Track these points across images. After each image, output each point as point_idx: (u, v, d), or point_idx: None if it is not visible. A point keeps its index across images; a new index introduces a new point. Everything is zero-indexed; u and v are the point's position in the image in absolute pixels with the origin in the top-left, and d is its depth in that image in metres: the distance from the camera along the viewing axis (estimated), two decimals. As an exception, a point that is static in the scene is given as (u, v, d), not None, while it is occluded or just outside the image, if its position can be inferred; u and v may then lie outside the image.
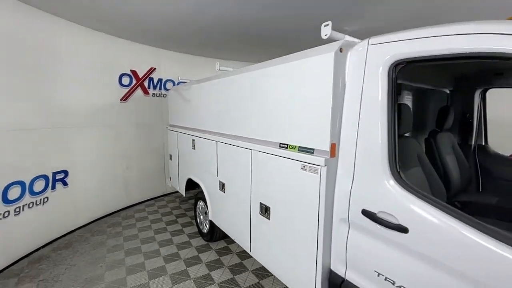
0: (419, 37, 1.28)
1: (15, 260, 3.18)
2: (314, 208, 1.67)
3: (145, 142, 5.24)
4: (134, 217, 4.57)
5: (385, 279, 1.40)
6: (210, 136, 3.03)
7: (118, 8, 3.23)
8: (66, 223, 3.89)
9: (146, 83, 5.23)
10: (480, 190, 2.55)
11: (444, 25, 1.22)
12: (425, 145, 2.38)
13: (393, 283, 1.37)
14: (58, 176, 3.74)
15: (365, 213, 1.45)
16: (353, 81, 1.55)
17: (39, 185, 3.44)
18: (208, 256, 3.32)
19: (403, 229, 1.29)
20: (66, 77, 3.77)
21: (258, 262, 2.42)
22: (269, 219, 2.12)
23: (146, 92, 5.24)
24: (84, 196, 4.14)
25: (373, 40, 1.48)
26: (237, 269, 3.05)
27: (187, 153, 3.80)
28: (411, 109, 2.70)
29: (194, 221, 4.23)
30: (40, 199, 3.48)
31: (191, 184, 3.83)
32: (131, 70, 4.92)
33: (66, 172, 3.85)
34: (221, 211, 2.97)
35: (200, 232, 3.82)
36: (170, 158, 4.64)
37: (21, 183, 3.22)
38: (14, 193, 3.13)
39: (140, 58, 5.05)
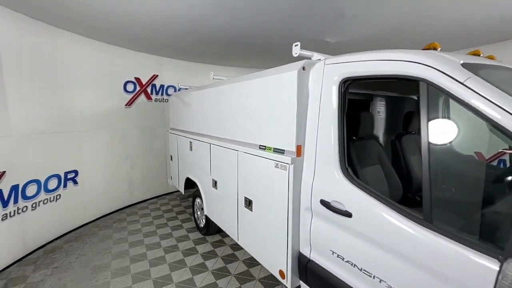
0: (360, 60, 1.60)
1: (32, 250, 3.56)
2: (285, 199, 1.99)
3: (148, 144, 5.61)
4: (138, 213, 4.93)
5: (337, 256, 1.72)
6: (204, 139, 3.38)
7: (122, 22, 3.56)
8: (76, 218, 4.28)
9: (149, 89, 5.61)
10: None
11: (377, 51, 1.54)
12: (391, 146, 2.68)
13: (343, 259, 1.68)
14: (69, 176, 4.13)
15: (323, 202, 1.77)
16: (314, 93, 1.87)
17: (52, 184, 3.83)
18: (204, 247, 3.66)
19: (348, 214, 1.61)
20: (76, 85, 4.17)
21: (248, 253, 2.74)
22: (251, 210, 2.45)
23: (149, 97, 5.62)
24: (92, 194, 4.52)
25: (328, 61, 1.80)
26: (229, 258, 3.37)
27: (185, 154, 4.16)
28: (384, 114, 3.01)
29: (192, 217, 4.57)
30: (54, 196, 3.87)
31: (190, 183, 4.17)
32: (135, 78, 5.31)
33: (76, 172, 4.23)
34: (214, 206, 3.31)
35: (197, 226, 4.17)
36: (171, 159, 5.00)
37: (37, 182, 3.61)
38: (31, 190, 3.52)
39: (144, 66, 5.43)
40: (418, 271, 1.29)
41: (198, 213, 4.06)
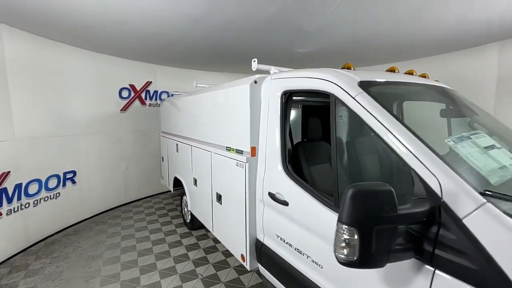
0: (294, 77, 1.95)
1: (34, 242, 3.95)
2: (243, 193, 2.33)
3: (143, 146, 6.00)
4: (132, 211, 5.31)
5: (281, 239, 2.05)
6: (186, 141, 3.74)
7: (115, 32, 3.85)
8: (75, 214, 4.67)
9: (143, 95, 6.01)
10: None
11: (306, 70, 1.89)
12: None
13: (284, 241, 2.02)
14: (68, 176, 4.53)
15: (270, 194, 2.11)
16: (264, 103, 2.22)
17: (52, 183, 4.23)
18: (189, 240, 4.01)
19: (286, 203, 1.95)
20: (74, 93, 4.57)
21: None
22: (221, 204, 2.80)
23: (143, 102, 6.02)
24: (89, 192, 4.92)
25: (273, 76, 2.15)
26: (210, 250, 3.72)
27: (173, 155, 4.53)
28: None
29: (181, 214, 4.93)
30: (54, 194, 4.27)
31: (178, 182, 4.53)
32: (129, 84, 5.71)
33: (74, 172, 4.63)
34: (196, 202, 3.66)
35: (184, 222, 4.53)
36: (162, 160, 5.38)
37: (38, 181, 4.01)
38: (33, 188, 3.92)
39: (138, 73, 5.83)
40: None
41: (185, 209, 4.42)
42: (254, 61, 2.35)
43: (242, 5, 2.82)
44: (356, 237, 1.01)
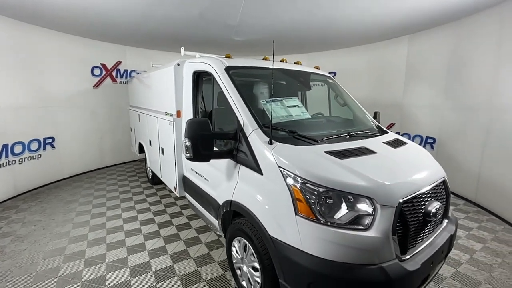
0: (197, 62, 2.91)
1: (21, 192, 4.89)
2: (172, 143, 3.36)
3: (115, 119, 6.84)
4: (106, 173, 6.27)
5: (192, 170, 3.11)
6: (144, 111, 4.68)
7: (84, 16, 4.52)
8: (55, 173, 5.58)
9: (114, 73, 6.76)
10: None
11: (204, 56, 2.85)
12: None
13: (196, 172, 3.07)
14: (47, 141, 5.39)
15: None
16: (185, 80, 3.18)
17: (34, 145, 5.09)
18: (153, 198, 4.93)
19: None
20: (51, 70, 5.33)
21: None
22: (163, 154, 3.83)
23: (114, 80, 6.79)
24: (68, 156, 5.81)
25: (188, 60, 3.11)
26: (170, 205, 4.78)
27: (137, 124, 5.46)
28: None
29: (146, 174, 5.94)
30: (36, 155, 5.15)
31: (142, 148, 5.49)
32: (101, 63, 6.44)
33: (53, 138, 5.49)
34: (151, 158, 4.68)
35: (148, 178, 5.56)
36: (131, 130, 6.30)
37: (22, 143, 4.87)
38: (18, 149, 4.79)
39: (108, 53, 6.54)
40: (216, 171, 2.66)
41: (148, 168, 5.43)
42: (182, 48, 3.29)
43: (174, 5, 3.70)
44: (189, 143, 2.06)
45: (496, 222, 3.79)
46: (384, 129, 2.94)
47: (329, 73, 7.44)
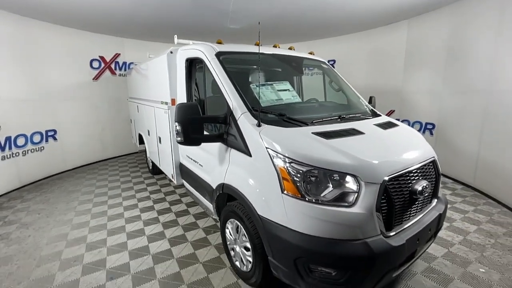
0: (190, 48, 2.92)
1: (25, 184, 5.02)
2: (168, 132, 3.40)
3: (116, 111, 6.91)
4: (108, 165, 6.38)
5: (188, 157, 3.17)
6: (142, 102, 4.72)
7: (81, 8, 4.57)
8: (58, 165, 5.71)
9: (113, 66, 6.80)
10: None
11: (196, 43, 2.86)
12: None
13: (191, 158, 3.12)
14: (50, 133, 5.49)
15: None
16: (178, 67, 3.20)
17: (36, 138, 5.20)
18: (153, 187, 5.05)
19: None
20: (50, 63, 5.38)
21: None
22: (161, 143, 3.88)
23: (113, 73, 6.83)
24: (70, 148, 5.92)
25: (181, 48, 3.12)
26: (170, 193, 4.87)
27: (136, 115, 5.52)
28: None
29: (147, 165, 6.04)
30: (39, 147, 5.26)
31: (142, 139, 5.56)
32: (99, 56, 6.47)
33: (55, 131, 5.59)
34: (150, 148, 4.75)
35: (148, 169, 5.65)
36: (131, 122, 6.37)
37: (24, 136, 4.97)
38: (20, 141, 4.89)
39: (107, 46, 6.56)
40: (209, 155, 2.71)
41: (149, 159, 5.51)
42: (175, 36, 3.29)
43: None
44: (179, 128, 2.10)
45: (492, 205, 3.80)
46: (378, 113, 2.94)
47: (328, 61, 7.42)
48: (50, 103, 5.46)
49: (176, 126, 2.13)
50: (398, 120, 5.85)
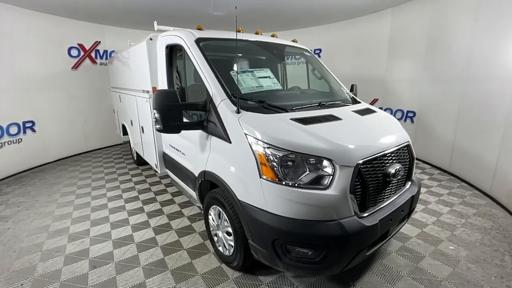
0: (169, 35, 2.85)
1: (5, 177, 4.86)
2: (150, 121, 3.35)
3: (98, 102, 6.70)
4: (92, 156, 6.25)
5: (170, 146, 3.15)
6: (124, 91, 4.61)
7: None
8: (38, 158, 5.54)
9: (93, 54, 6.55)
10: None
11: (176, 29, 2.79)
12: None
13: (174, 147, 3.11)
14: (27, 125, 5.29)
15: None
16: (159, 55, 3.12)
17: (13, 129, 5.00)
18: (138, 178, 4.99)
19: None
20: (24, 51, 5.12)
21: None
22: (144, 133, 3.83)
23: (94, 61, 6.58)
24: (51, 140, 5.73)
25: (161, 34, 3.04)
26: (155, 184, 4.83)
27: (119, 105, 5.38)
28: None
29: (131, 155, 5.95)
30: (16, 139, 5.07)
31: (126, 129, 5.45)
32: (78, 44, 6.21)
33: (33, 122, 5.38)
34: (133, 138, 4.67)
35: (133, 160, 5.57)
36: (114, 112, 6.21)
37: (0, 127, 4.77)
38: (-4, 133, 4.71)
39: (86, 33, 6.29)
40: (191, 144, 2.70)
41: (133, 150, 5.43)
42: (155, 22, 3.19)
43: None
44: (158, 115, 2.08)
45: (465, 188, 4.00)
46: (358, 100, 3.00)
47: (315, 50, 7.41)
48: (27, 93, 5.23)
49: (154, 114, 2.10)
50: (381, 108, 6.00)
